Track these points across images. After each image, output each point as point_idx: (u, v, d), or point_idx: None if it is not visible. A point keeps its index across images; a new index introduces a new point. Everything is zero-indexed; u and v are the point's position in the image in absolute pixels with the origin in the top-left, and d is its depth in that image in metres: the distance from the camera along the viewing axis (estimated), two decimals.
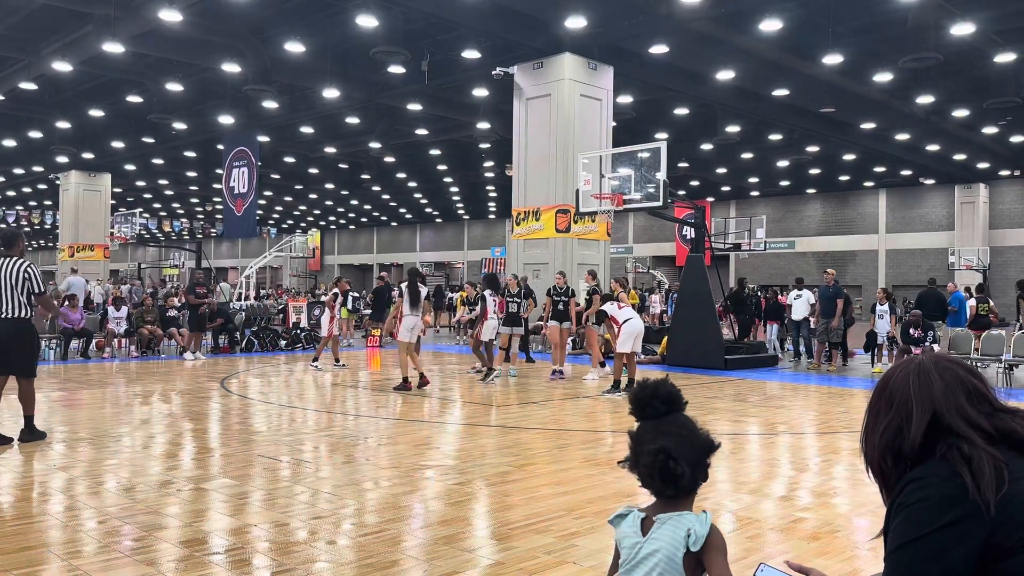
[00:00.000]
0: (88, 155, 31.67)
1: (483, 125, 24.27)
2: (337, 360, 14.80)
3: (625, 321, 11.20)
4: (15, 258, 7.26)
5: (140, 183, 40.27)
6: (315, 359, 14.51)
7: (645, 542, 1.90)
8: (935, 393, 1.62)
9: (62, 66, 20.04)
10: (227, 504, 5.34)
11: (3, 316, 7.13)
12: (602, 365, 13.63)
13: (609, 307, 11.59)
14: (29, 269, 7.23)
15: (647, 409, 1.95)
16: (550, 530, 4.78)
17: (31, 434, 7.34)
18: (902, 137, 27.67)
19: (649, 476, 1.90)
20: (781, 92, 22.11)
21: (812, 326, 16.41)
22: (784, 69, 20.17)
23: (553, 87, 18.50)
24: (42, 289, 7.36)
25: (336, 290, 15.75)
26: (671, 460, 1.85)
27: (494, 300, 12.93)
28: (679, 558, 1.86)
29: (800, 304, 16.84)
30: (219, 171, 28.68)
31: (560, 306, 13.60)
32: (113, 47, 17.83)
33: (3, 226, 8.86)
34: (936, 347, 13.86)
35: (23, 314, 7.20)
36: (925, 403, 1.62)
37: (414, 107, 23.38)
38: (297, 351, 18.66)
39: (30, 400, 7.35)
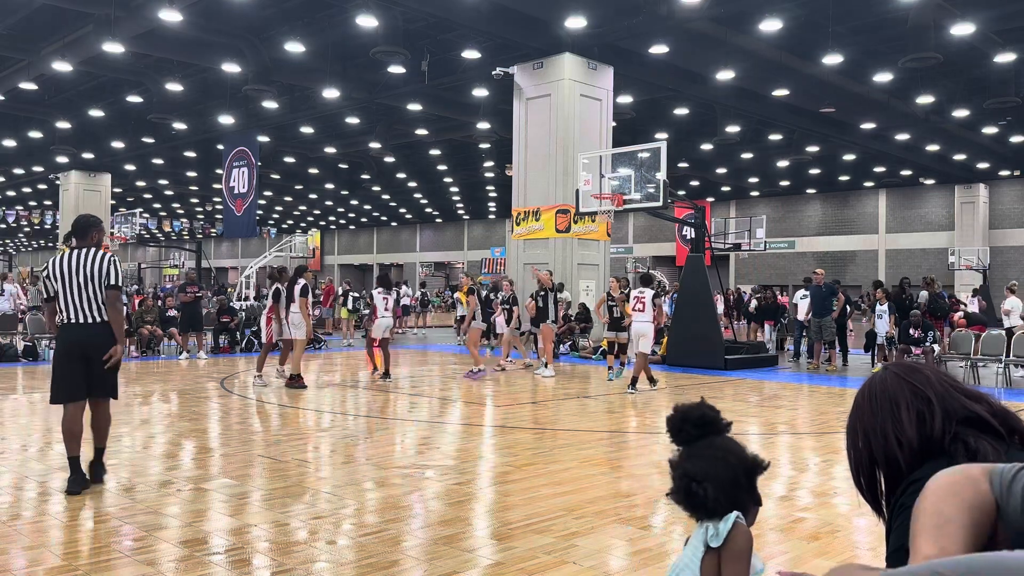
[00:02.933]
0: (88, 155, 31.69)
1: (483, 125, 24.27)
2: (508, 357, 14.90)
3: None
4: (93, 248, 5.77)
5: (140, 183, 40.28)
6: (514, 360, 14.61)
7: (679, 557, 1.90)
8: (935, 387, 1.63)
9: (62, 66, 20.05)
10: (227, 504, 5.34)
11: (83, 321, 5.64)
12: (546, 365, 13.84)
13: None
14: (114, 259, 5.80)
15: (680, 434, 1.94)
16: (550, 530, 4.78)
17: (101, 466, 5.90)
18: (902, 137, 27.68)
19: (678, 501, 1.89)
20: (781, 92, 22.11)
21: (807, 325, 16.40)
22: (784, 69, 20.17)
23: (553, 87, 18.50)
24: (118, 283, 5.76)
25: (502, 292, 15.07)
26: (693, 483, 1.83)
27: (384, 299, 12.55)
28: (698, 558, 1.84)
29: (806, 304, 16.72)
30: (219, 171, 28.69)
31: (541, 303, 13.91)
32: (113, 47, 17.83)
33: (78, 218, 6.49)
34: (936, 347, 13.87)
35: (107, 317, 5.70)
36: (930, 390, 1.62)
37: (414, 107, 23.38)
38: None
39: (107, 427, 5.93)
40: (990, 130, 27.10)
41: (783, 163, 32.94)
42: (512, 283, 16.91)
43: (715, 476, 1.83)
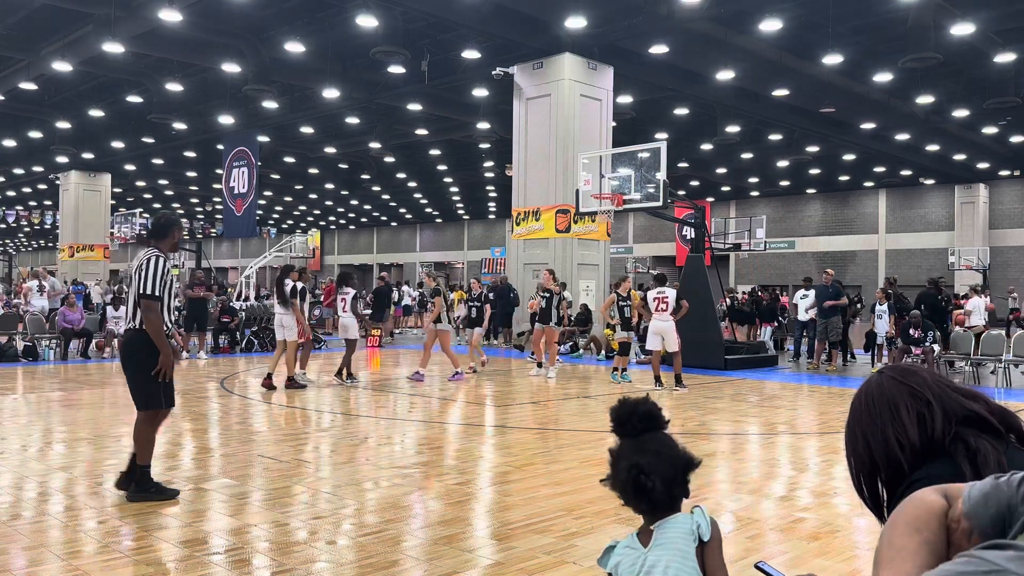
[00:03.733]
0: (88, 155, 31.68)
1: (483, 125, 24.27)
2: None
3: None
4: (147, 251, 5.57)
5: (140, 183, 40.28)
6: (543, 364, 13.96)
7: (650, 551, 1.91)
8: (933, 388, 1.62)
9: (62, 66, 20.05)
10: (227, 504, 5.34)
11: (127, 326, 5.58)
12: (538, 365, 13.88)
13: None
14: (149, 262, 5.43)
15: (626, 426, 2.00)
16: (550, 530, 4.78)
17: (138, 487, 5.36)
18: (902, 137, 27.67)
19: (624, 491, 1.94)
20: (781, 92, 22.10)
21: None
22: (784, 69, 20.16)
23: (553, 87, 18.50)
24: (152, 292, 5.38)
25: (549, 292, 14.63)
26: (642, 475, 1.89)
27: (342, 300, 12.42)
28: (691, 551, 1.89)
29: (806, 304, 16.68)
30: (219, 171, 28.69)
31: (545, 304, 13.78)
32: (113, 47, 17.84)
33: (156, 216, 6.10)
34: (936, 348, 13.85)
35: (139, 324, 5.42)
36: (928, 392, 1.62)
37: (414, 107, 23.38)
38: None
39: (141, 441, 5.49)
40: (990, 130, 27.09)
41: (783, 163, 32.93)
42: (479, 281, 17.13)
43: (661, 471, 1.91)
